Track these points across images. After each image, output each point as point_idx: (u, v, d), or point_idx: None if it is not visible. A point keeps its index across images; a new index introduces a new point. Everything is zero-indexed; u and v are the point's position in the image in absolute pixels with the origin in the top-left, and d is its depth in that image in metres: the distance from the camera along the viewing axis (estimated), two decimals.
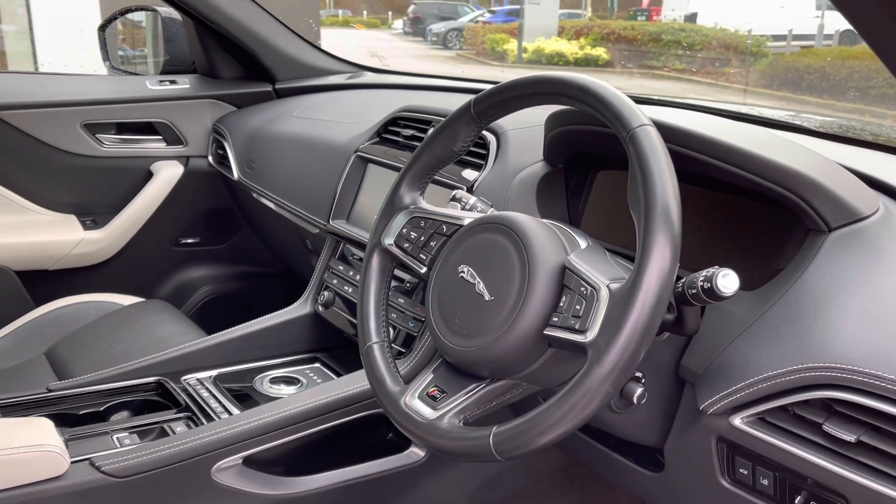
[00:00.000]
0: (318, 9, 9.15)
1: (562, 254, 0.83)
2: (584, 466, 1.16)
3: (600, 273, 0.80)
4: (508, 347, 0.81)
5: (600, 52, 12.04)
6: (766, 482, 0.85)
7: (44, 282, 1.83)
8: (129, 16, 2.17)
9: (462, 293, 0.87)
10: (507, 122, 1.28)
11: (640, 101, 1.47)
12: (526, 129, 1.26)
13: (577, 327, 0.78)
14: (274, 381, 1.34)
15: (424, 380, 0.90)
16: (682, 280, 0.81)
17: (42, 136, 1.78)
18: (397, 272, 1.28)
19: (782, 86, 8.73)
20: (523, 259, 0.82)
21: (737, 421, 0.84)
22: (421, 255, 0.97)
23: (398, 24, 17.08)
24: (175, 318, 1.66)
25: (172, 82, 1.95)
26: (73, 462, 1.00)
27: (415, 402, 0.89)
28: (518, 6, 13.92)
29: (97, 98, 1.85)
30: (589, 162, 1.15)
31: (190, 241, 2.05)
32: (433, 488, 1.30)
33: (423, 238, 0.97)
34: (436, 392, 0.89)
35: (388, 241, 0.99)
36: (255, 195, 1.77)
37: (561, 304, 0.80)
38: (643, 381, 0.88)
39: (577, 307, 0.78)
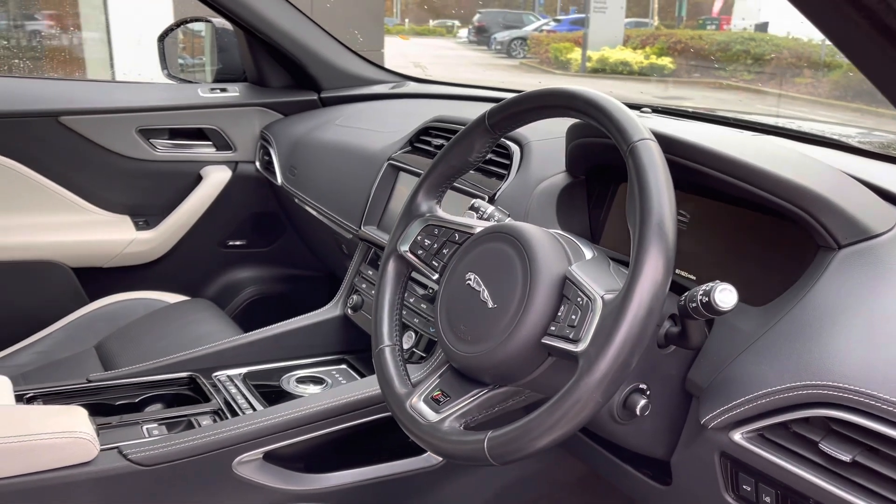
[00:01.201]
0: (383, 18, 9.30)
1: (564, 264, 0.84)
2: (603, 478, 1.16)
3: (597, 284, 0.81)
4: (509, 354, 0.83)
5: (666, 61, 11.87)
6: (768, 499, 0.84)
7: (97, 278, 1.93)
8: (190, 26, 2.27)
9: (468, 300, 0.89)
10: (531, 133, 1.29)
11: (670, 112, 1.47)
12: (550, 139, 1.27)
13: (571, 337, 0.79)
14: (301, 380, 1.38)
15: (431, 383, 0.93)
16: (686, 294, 0.82)
17: (100, 140, 1.88)
18: (422, 280, 1.32)
19: (856, 97, 8.45)
20: (526, 268, 0.84)
21: (737, 436, 0.83)
22: (433, 262, 1.00)
23: (463, 32, 17.19)
24: (216, 317, 1.73)
25: (223, 90, 2.03)
26: (102, 449, 1.06)
27: (419, 405, 0.91)
28: (584, 15, 13.82)
29: (152, 105, 1.94)
30: (610, 174, 1.15)
31: (237, 243, 2.13)
32: (450, 492, 1.32)
33: (435, 245, 1.00)
34: (440, 396, 0.91)
35: (404, 247, 1.02)
36: (296, 200, 1.82)
37: (559, 314, 0.81)
38: (648, 392, 0.88)
39: (573, 317, 0.80)
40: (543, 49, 13.99)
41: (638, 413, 0.87)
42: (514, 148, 1.29)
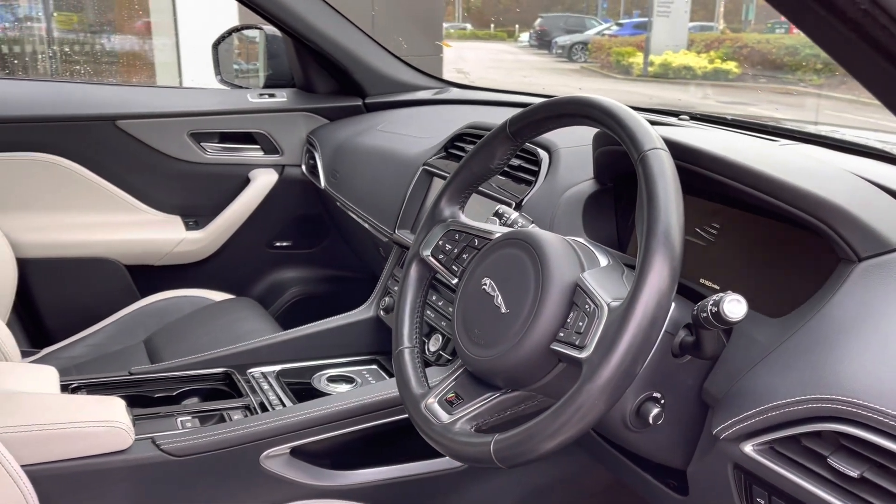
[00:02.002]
0: (442, 22, 9.36)
1: (576, 271, 0.85)
2: (629, 488, 1.16)
3: (605, 291, 0.81)
4: (519, 359, 0.84)
5: (731, 65, 11.61)
6: None
7: (149, 276, 2.01)
8: (245, 32, 2.34)
9: (483, 305, 0.91)
10: (560, 140, 1.30)
11: (708, 119, 1.45)
12: (580, 146, 1.28)
13: (577, 343, 0.80)
14: (331, 379, 1.41)
15: (446, 385, 0.95)
16: (698, 304, 0.82)
17: (153, 143, 1.96)
18: (450, 283, 1.33)
19: None
20: (538, 274, 0.85)
21: (747, 448, 0.83)
22: (453, 267, 1.02)
23: (524, 36, 17.14)
24: (258, 316, 1.78)
25: (271, 96, 2.10)
26: (137, 439, 1.11)
27: (434, 406, 0.93)
28: (647, 19, 13.63)
29: (202, 109, 2.02)
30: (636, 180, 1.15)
31: (282, 244, 2.19)
32: (475, 495, 1.33)
33: (456, 250, 1.02)
34: (454, 398, 0.93)
35: (426, 252, 1.04)
36: (338, 204, 1.87)
37: (568, 321, 0.82)
38: (662, 402, 0.88)
39: (581, 324, 0.81)
40: (604, 53, 13.85)
41: (651, 422, 0.87)
42: (543, 154, 1.29)
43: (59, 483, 1.05)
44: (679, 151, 0.96)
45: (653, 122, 1.44)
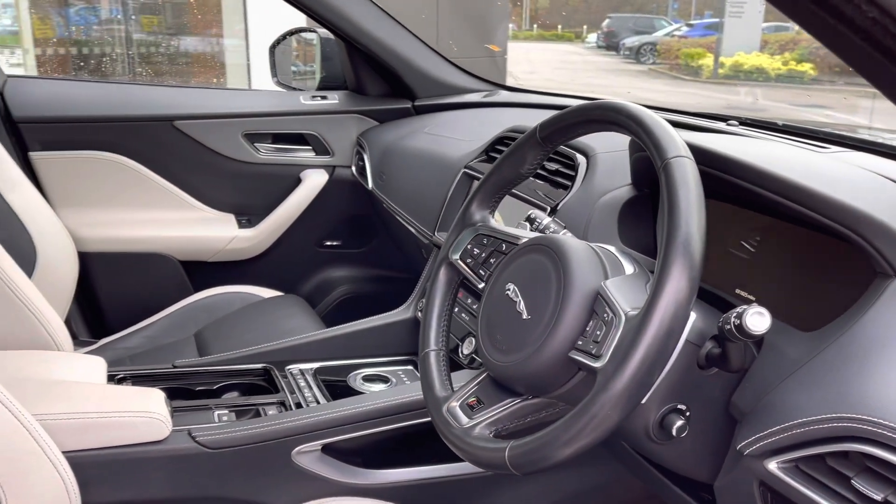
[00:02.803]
0: (508, 24, 9.34)
1: (598, 279, 0.84)
2: (661, 500, 1.14)
3: (625, 300, 0.80)
4: (538, 367, 0.84)
5: (806, 67, 11.22)
6: None
7: (202, 271, 2.07)
8: (303, 34, 2.39)
9: (506, 310, 0.91)
10: (599, 144, 1.28)
11: (758, 124, 1.41)
12: (618, 151, 1.26)
13: (593, 352, 0.79)
14: (367, 378, 1.43)
15: (469, 389, 0.95)
16: (723, 315, 0.80)
17: (209, 143, 2.02)
18: None
19: None
20: (560, 281, 0.85)
21: (771, 465, 0.80)
22: (480, 271, 1.02)
23: (592, 38, 16.95)
24: (303, 313, 1.82)
25: (323, 98, 2.13)
26: (174, 430, 1.15)
27: (455, 409, 0.94)
28: (718, 20, 13.30)
29: (257, 111, 2.07)
30: None
31: (332, 243, 2.22)
32: (506, 500, 1.33)
33: (483, 255, 1.02)
34: (475, 402, 0.93)
35: (455, 255, 1.05)
36: (384, 205, 1.89)
37: (587, 329, 0.82)
38: (687, 414, 0.87)
39: (598, 332, 0.80)
40: (673, 54, 13.58)
41: (674, 434, 0.85)
42: (581, 159, 1.28)
43: (97, 470, 1.09)
44: (708, 159, 0.95)
45: (700, 128, 1.43)
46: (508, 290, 0.91)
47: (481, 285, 1.00)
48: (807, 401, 0.78)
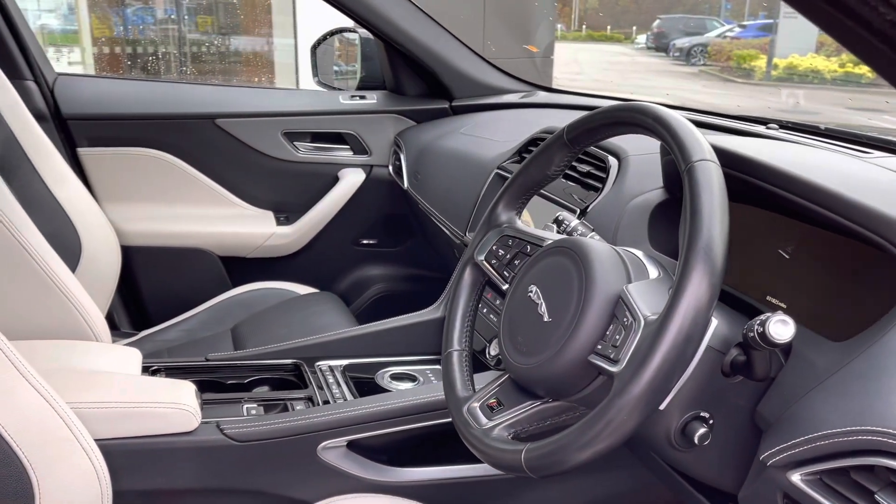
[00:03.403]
0: (555, 25, 9.28)
1: (620, 283, 0.83)
2: None
3: (646, 305, 0.80)
4: (558, 370, 0.84)
5: (864, 69, 10.90)
6: None
7: (240, 267, 2.11)
8: (346, 34, 2.42)
9: (527, 312, 0.91)
10: (631, 146, 1.27)
11: (799, 128, 1.38)
12: (651, 154, 1.24)
13: (612, 356, 0.79)
14: (395, 376, 1.44)
15: (490, 391, 0.95)
16: (748, 323, 0.79)
17: (249, 141, 2.06)
18: None
19: None
20: (581, 285, 0.84)
21: (795, 477, 0.79)
22: (504, 273, 1.02)
23: (641, 38, 16.74)
24: (337, 310, 1.84)
25: (362, 97, 2.15)
26: (203, 422, 1.17)
27: (475, 410, 0.94)
28: (772, 21, 13.00)
29: (296, 110, 2.10)
30: None
31: (368, 242, 2.24)
32: (530, 502, 1.32)
33: (508, 256, 1.02)
34: (495, 404, 0.93)
35: (480, 256, 1.05)
36: (419, 205, 1.90)
37: (607, 333, 0.81)
38: (710, 422, 0.85)
39: (617, 337, 0.80)
40: (725, 56, 13.31)
41: (696, 442, 0.84)
42: (613, 161, 1.27)
43: (128, 458, 1.12)
44: (737, 163, 0.93)
45: (738, 131, 1.40)
46: (531, 292, 0.91)
47: (505, 287, 1.00)
48: (832, 412, 0.76)
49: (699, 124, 1.46)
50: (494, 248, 1.04)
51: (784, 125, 1.42)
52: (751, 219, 1.01)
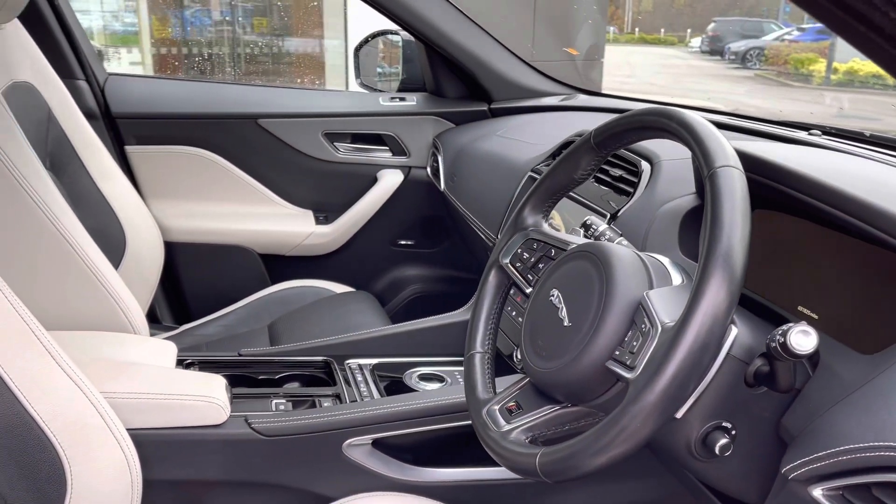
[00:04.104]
0: (605, 28, 9.19)
1: (641, 289, 0.83)
2: None
3: (665, 312, 0.79)
4: (575, 375, 0.83)
5: None
6: None
7: (279, 265, 2.15)
8: (390, 36, 2.44)
9: (548, 316, 0.90)
10: (664, 151, 1.25)
11: (843, 134, 1.34)
12: (684, 159, 1.23)
13: (628, 363, 0.78)
14: (423, 376, 1.45)
15: (510, 394, 0.95)
16: (771, 332, 0.77)
17: (290, 141, 2.09)
18: None
19: None
20: (602, 290, 0.84)
21: (816, 492, 0.77)
22: (529, 276, 1.02)
23: (695, 42, 16.45)
24: (371, 309, 1.85)
25: (402, 99, 2.17)
26: (232, 416, 1.20)
27: (494, 412, 0.94)
28: None
29: (337, 111, 2.13)
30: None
31: (405, 242, 2.25)
32: None
33: (532, 259, 1.02)
34: (514, 407, 0.93)
35: (505, 259, 1.05)
36: (454, 206, 1.90)
37: (626, 339, 0.80)
38: (733, 432, 0.84)
39: (635, 343, 0.79)
40: (782, 59, 13.00)
41: (717, 452, 0.83)
42: (645, 166, 1.25)
43: (158, 448, 1.15)
44: (761, 167, 0.91)
45: (779, 137, 1.37)
46: (553, 296, 0.91)
47: (529, 290, 1.00)
48: (855, 427, 0.74)
49: (738, 129, 1.44)
50: (519, 251, 1.04)
51: (827, 131, 1.39)
52: (785, 227, 0.99)
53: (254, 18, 7.77)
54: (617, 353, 0.80)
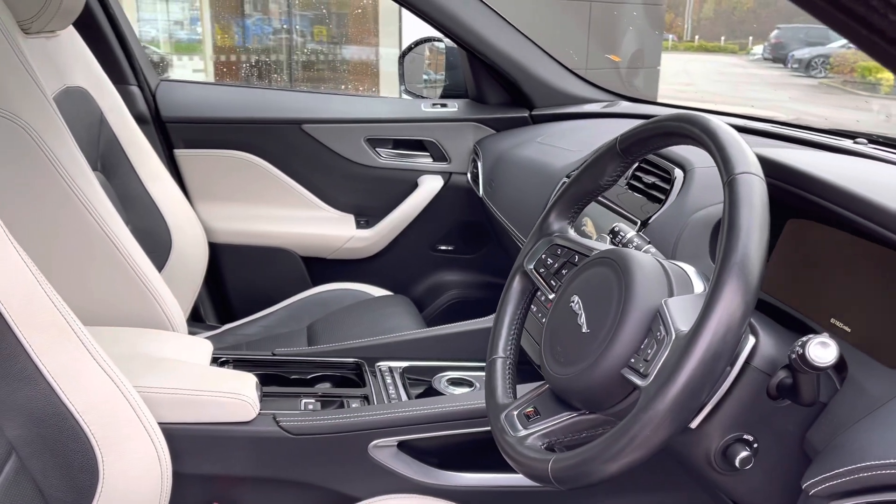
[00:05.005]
0: (662, 35, 9.07)
1: (660, 296, 0.82)
2: None
3: (682, 320, 0.78)
4: (591, 382, 0.83)
5: None
6: None
7: (320, 267, 2.18)
8: (436, 43, 2.46)
9: (568, 322, 0.90)
10: (698, 158, 1.23)
11: (890, 143, 1.30)
12: None
13: (641, 370, 0.77)
14: (452, 381, 1.45)
15: (528, 399, 0.95)
16: (793, 345, 0.76)
17: (333, 146, 2.12)
18: None
19: None
20: (620, 297, 0.83)
21: None
22: (551, 282, 1.01)
23: (757, 49, 16.08)
24: (408, 313, 1.87)
25: (443, 105, 2.18)
26: (260, 413, 1.22)
27: (512, 417, 0.94)
28: None
29: (379, 117, 2.15)
30: (780, 207, 1.06)
31: (445, 248, 2.26)
32: None
33: (556, 265, 1.01)
34: (532, 412, 0.93)
35: (530, 265, 1.05)
36: (492, 212, 1.90)
37: (642, 347, 0.80)
38: (754, 445, 0.82)
39: (649, 351, 0.78)
40: (848, 67, 12.60)
41: (737, 465, 0.81)
42: (678, 173, 1.24)
43: (188, 442, 1.18)
44: (786, 175, 0.89)
45: (823, 145, 1.33)
46: (573, 302, 0.90)
47: (551, 296, 1.00)
48: (878, 444, 0.72)
49: (781, 137, 1.41)
50: (544, 256, 1.04)
51: (873, 140, 1.34)
52: (821, 237, 0.96)
53: (314, 27, 7.92)
54: (632, 360, 0.79)
